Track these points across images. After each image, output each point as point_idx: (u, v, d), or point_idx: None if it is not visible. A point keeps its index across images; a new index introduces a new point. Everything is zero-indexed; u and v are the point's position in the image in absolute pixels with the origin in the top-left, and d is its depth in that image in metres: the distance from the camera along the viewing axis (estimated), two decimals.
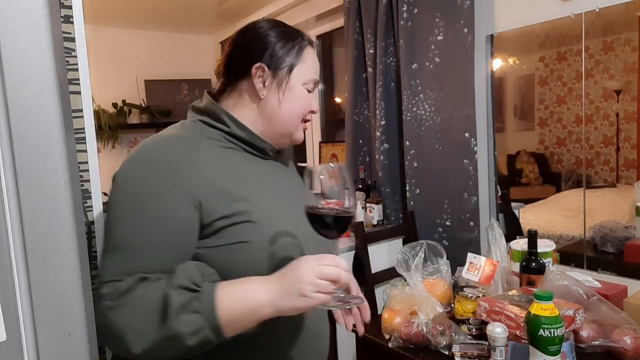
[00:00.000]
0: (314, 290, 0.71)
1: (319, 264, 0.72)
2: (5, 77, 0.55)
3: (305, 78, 0.94)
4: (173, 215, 0.77)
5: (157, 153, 0.81)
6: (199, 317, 0.71)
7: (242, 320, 0.74)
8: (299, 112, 0.94)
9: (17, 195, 0.56)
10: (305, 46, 0.95)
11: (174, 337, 0.70)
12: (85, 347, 0.61)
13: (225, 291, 0.73)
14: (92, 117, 1.00)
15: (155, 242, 0.76)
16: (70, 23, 0.92)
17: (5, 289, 0.56)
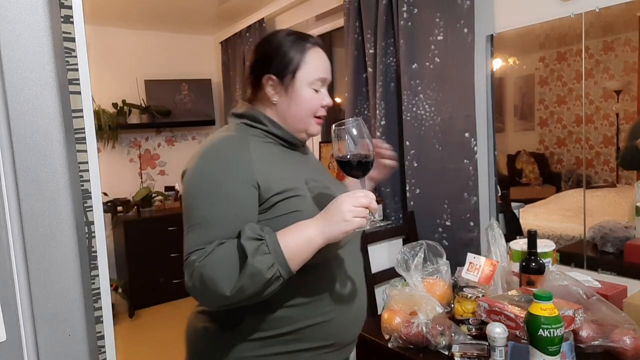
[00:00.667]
0: (353, 215, 0.89)
1: (354, 196, 0.91)
2: (5, 77, 0.55)
3: (310, 79, 1.06)
4: (238, 195, 0.97)
5: (219, 151, 1.00)
6: (269, 256, 0.89)
7: (302, 252, 0.92)
8: (307, 112, 1.08)
9: (17, 196, 0.56)
10: (308, 49, 1.07)
11: (255, 273, 0.88)
12: (85, 347, 0.61)
13: (284, 234, 0.93)
14: (92, 117, 1.00)
15: (226, 216, 0.96)
16: (70, 23, 0.92)
17: (5, 289, 0.56)
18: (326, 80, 1.10)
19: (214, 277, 0.89)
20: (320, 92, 1.09)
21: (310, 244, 0.92)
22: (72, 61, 0.92)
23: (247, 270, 0.88)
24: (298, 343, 1.02)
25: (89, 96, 0.97)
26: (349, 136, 0.95)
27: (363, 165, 0.97)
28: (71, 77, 0.92)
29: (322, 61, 1.09)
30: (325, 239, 0.92)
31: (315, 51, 1.08)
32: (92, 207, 1.02)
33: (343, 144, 0.96)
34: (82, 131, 0.97)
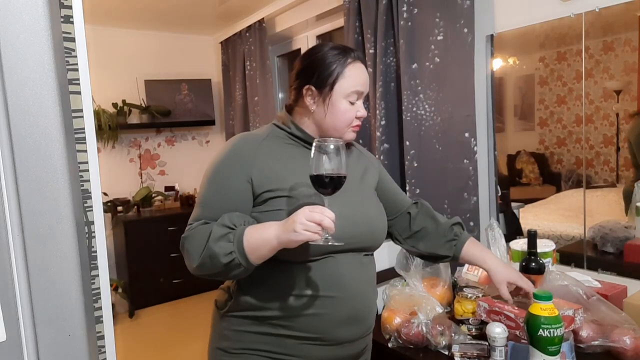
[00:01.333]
0: (303, 228, 0.93)
1: (310, 211, 0.95)
2: (5, 77, 0.55)
3: (346, 91, 1.13)
4: (230, 186, 1.10)
5: (231, 146, 1.14)
6: (231, 244, 1.01)
7: (259, 249, 1.01)
8: (342, 123, 1.15)
9: (17, 196, 0.56)
10: (349, 63, 1.14)
11: (212, 255, 1.02)
12: (85, 347, 0.61)
13: (251, 229, 1.03)
14: (92, 117, 0.99)
15: (216, 201, 1.10)
16: (70, 23, 0.92)
17: (5, 289, 0.56)
18: (362, 93, 1.16)
19: (188, 249, 1.06)
20: (356, 104, 1.16)
21: (267, 243, 1.00)
22: (72, 61, 0.92)
23: (206, 252, 1.03)
24: (285, 329, 1.11)
25: (89, 96, 0.97)
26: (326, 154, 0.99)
27: (335, 182, 1.00)
28: (71, 77, 0.92)
29: (361, 75, 1.15)
30: (279, 243, 0.99)
31: (355, 65, 1.14)
32: (92, 207, 1.02)
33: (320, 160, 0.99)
34: (82, 131, 0.97)
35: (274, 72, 3.72)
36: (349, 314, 1.12)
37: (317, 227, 0.93)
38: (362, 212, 1.18)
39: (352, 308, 1.13)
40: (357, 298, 1.14)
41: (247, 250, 1.01)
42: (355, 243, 1.14)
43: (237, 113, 4.02)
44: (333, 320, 1.11)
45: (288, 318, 1.11)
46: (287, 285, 1.10)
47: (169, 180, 4.31)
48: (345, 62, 1.14)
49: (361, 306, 1.16)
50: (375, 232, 1.20)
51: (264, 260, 1.04)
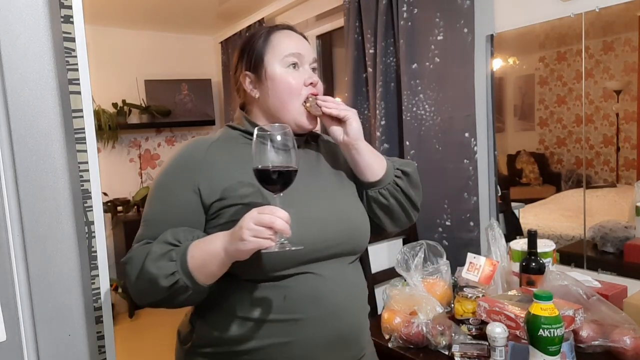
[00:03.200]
0: (251, 235, 0.79)
1: (258, 213, 0.80)
2: (5, 77, 0.55)
3: (279, 58, 0.99)
4: (174, 199, 0.95)
5: (176, 156, 0.99)
6: (173, 264, 0.86)
7: (207, 265, 0.86)
8: (287, 95, 0.99)
9: (17, 196, 0.56)
10: (271, 33, 1.02)
11: (151, 278, 0.86)
12: (85, 347, 0.61)
13: (196, 244, 0.88)
14: (92, 117, 1.00)
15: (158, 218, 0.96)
16: (70, 23, 0.92)
17: (5, 289, 0.56)
18: (302, 55, 1.00)
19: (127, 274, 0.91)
20: (301, 70, 1.00)
21: (214, 258, 0.85)
22: (72, 61, 0.92)
23: (144, 275, 0.87)
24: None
25: (89, 96, 0.97)
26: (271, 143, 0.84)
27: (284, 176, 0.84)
28: (71, 77, 0.92)
29: (291, 39, 1.02)
30: (227, 256, 0.84)
31: (281, 33, 1.02)
32: (92, 207, 1.02)
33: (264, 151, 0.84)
34: (82, 131, 0.97)
35: None
36: (334, 336, 0.95)
37: (269, 231, 0.78)
38: (338, 210, 1.00)
39: (337, 329, 0.96)
40: (343, 317, 0.97)
41: (192, 268, 0.85)
42: (333, 248, 0.97)
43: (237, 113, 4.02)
44: (316, 346, 0.94)
45: (262, 350, 0.93)
46: (256, 310, 0.93)
47: None
48: (270, 33, 1.02)
49: (349, 326, 0.98)
50: (354, 232, 1.03)
51: (215, 279, 0.88)
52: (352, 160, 1.05)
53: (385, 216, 1.10)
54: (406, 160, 1.14)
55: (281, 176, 0.84)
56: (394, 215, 1.10)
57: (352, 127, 1.01)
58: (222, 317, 0.95)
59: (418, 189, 1.12)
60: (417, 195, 1.11)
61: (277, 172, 0.84)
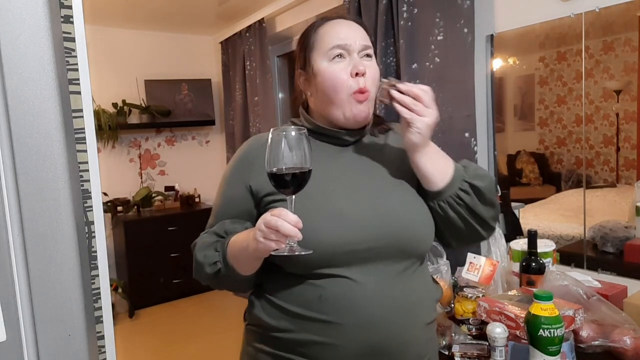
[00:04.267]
0: (261, 236, 0.81)
1: (269, 215, 0.80)
2: (5, 77, 0.55)
3: (323, 51, 0.97)
4: (229, 193, 1.03)
5: (238, 151, 1.07)
6: (217, 254, 0.95)
7: (240, 258, 0.92)
8: (333, 88, 0.96)
9: (17, 196, 0.56)
10: (318, 27, 1.01)
11: (198, 265, 0.98)
12: (85, 347, 0.61)
13: (235, 238, 0.94)
14: (92, 117, 1.00)
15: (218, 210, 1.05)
16: (70, 23, 0.92)
17: (5, 289, 0.56)
18: (347, 45, 0.95)
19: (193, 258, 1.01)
20: (348, 60, 0.96)
21: (245, 251, 0.89)
22: (72, 61, 0.92)
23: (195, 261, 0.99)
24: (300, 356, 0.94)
25: (89, 96, 0.97)
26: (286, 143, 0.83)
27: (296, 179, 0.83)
28: (71, 77, 0.92)
29: (339, 28, 0.97)
30: (251, 252, 0.86)
31: (330, 23, 0.99)
32: (92, 207, 1.02)
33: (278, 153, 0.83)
34: (82, 131, 0.97)
35: (274, 72, 3.72)
36: (368, 347, 0.91)
37: (276, 234, 0.79)
38: (386, 209, 0.94)
39: (371, 340, 0.91)
40: (379, 328, 0.91)
41: (230, 259, 0.93)
42: (374, 250, 0.91)
43: (237, 113, 4.02)
44: (348, 352, 0.91)
45: (299, 344, 0.93)
46: (295, 303, 0.94)
47: (169, 180, 4.31)
48: (318, 27, 1.00)
49: (387, 339, 0.92)
50: (404, 234, 0.94)
51: (252, 270, 0.93)
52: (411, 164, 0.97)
53: (446, 229, 1.01)
54: (481, 172, 1.00)
55: (294, 178, 0.83)
56: (456, 230, 0.99)
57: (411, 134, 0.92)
58: (267, 303, 0.99)
59: (490, 206, 0.99)
60: (487, 212, 0.98)
61: (292, 175, 0.83)
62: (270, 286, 0.99)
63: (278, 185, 0.84)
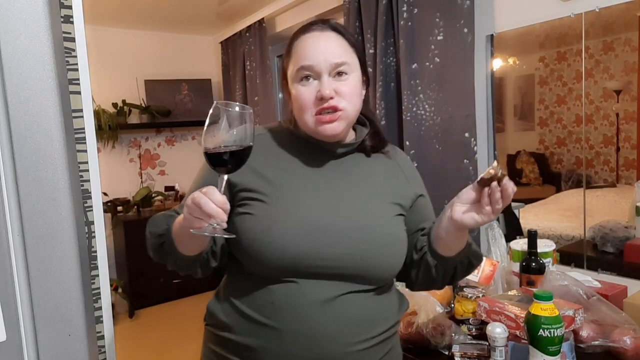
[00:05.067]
0: (187, 212, 0.79)
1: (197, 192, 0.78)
2: (5, 77, 0.55)
3: (292, 74, 0.97)
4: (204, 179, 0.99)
5: None
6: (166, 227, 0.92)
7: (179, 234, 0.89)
8: (299, 111, 0.96)
9: (17, 196, 0.56)
10: (294, 41, 0.98)
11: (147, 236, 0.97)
12: (85, 347, 0.61)
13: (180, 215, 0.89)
14: (92, 117, 1.00)
15: None
16: (70, 23, 0.92)
17: (5, 289, 0.56)
18: (314, 67, 0.92)
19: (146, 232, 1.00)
20: (312, 84, 0.93)
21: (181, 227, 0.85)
22: (72, 61, 0.92)
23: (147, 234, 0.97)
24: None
25: (89, 96, 0.97)
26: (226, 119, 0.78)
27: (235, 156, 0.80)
28: (71, 77, 0.92)
29: (308, 46, 0.94)
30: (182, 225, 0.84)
31: (302, 39, 0.96)
32: (92, 207, 1.02)
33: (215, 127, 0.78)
34: (82, 131, 0.97)
35: (274, 72, 3.72)
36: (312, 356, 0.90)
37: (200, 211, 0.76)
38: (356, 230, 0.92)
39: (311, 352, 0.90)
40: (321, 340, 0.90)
41: (173, 235, 0.90)
42: (333, 269, 0.90)
43: None
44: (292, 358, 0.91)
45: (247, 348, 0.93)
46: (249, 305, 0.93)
47: (169, 180, 4.31)
48: (296, 38, 0.97)
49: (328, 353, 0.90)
50: (367, 260, 0.92)
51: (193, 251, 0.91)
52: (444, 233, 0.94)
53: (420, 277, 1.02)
54: (479, 252, 1.04)
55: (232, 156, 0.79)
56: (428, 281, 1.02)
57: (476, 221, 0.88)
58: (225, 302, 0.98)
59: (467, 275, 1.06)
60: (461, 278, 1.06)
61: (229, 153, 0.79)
62: (230, 286, 1.00)
63: (214, 164, 0.81)
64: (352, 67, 0.96)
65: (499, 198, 0.84)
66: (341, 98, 0.93)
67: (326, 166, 1.00)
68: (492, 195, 0.84)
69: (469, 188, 0.89)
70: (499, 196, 0.84)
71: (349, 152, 1.02)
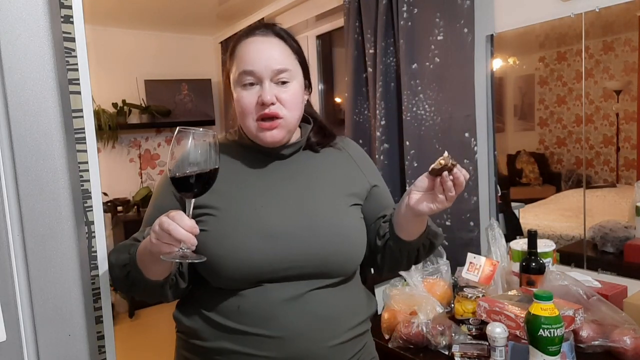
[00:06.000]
0: (154, 238, 0.77)
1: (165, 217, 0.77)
2: (5, 77, 0.55)
3: (234, 78, 0.97)
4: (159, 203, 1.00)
5: None
6: (128, 257, 0.90)
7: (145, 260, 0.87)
8: (241, 116, 0.96)
9: (17, 196, 0.56)
10: (237, 45, 0.98)
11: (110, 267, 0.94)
12: (85, 347, 0.61)
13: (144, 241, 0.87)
14: (92, 117, 0.99)
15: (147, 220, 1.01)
16: (70, 23, 0.92)
17: (5, 289, 0.56)
18: (256, 72, 0.93)
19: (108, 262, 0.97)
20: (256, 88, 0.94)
21: (147, 254, 0.84)
22: (72, 61, 0.92)
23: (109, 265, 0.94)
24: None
25: (89, 96, 0.97)
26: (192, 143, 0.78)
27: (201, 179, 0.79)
28: (71, 77, 0.92)
29: (249, 52, 0.94)
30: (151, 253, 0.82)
31: (244, 43, 0.96)
32: (92, 207, 1.02)
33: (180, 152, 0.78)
34: (82, 131, 0.97)
35: None
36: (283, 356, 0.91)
37: (169, 237, 0.75)
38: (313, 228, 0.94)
39: (285, 351, 0.91)
40: (296, 343, 0.91)
41: (138, 262, 0.88)
42: (296, 269, 0.91)
43: None
44: None
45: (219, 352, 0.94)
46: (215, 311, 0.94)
47: None
48: (238, 42, 0.97)
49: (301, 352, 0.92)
50: (331, 256, 0.94)
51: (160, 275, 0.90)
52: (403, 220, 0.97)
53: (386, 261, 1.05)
54: (438, 230, 1.06)
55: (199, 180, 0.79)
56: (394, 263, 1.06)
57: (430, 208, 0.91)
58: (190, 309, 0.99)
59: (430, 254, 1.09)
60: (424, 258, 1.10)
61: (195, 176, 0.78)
62: (195, 294, 1.00)
63: (180, 188, 0.81)
64: (293, 74, 0.97)
65: (451, 186, 0.87)
66: (282, 105, 0.94)
67: (275, 169, 1.00)
68: (444, 184, 0.87)
69: (423, 176, 0.92)
70: (450, 185, 0.87)
71: (295, 151, 1.03)
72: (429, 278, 1.62)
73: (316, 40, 3.34)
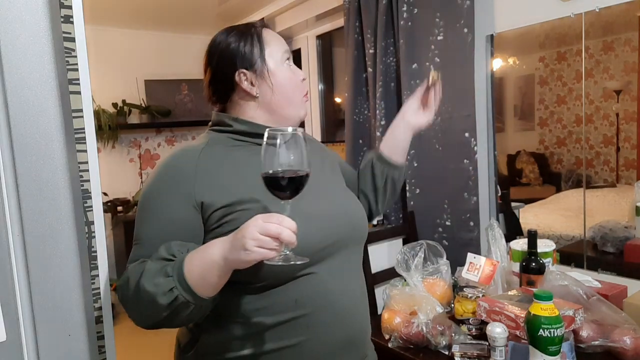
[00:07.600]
0: (255, 245, 0.74)
1: (264, 222, 0.75)
2: (5, 77, 0.55)
3: (277, 56, 1.01)
4: (171, 216, 0.90)
5: (167, 167, 0.94)
6: (170, 279, 0.80)
7: (207, 276, 0.80)
8: (294, 91, 1.02)
9: (17, 196, 0.56)
10: (261, 32, 1.02)
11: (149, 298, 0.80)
12: (85, 347, 0.61)
13: (192, 255, 0.82)
14: (92, 117, 0.99)
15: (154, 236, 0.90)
16: (70, 23, 0.92)
17: (5, 289, 0.56)
18: (289, 51, 1.04)
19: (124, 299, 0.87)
20: (292, 67, 1.03)
21: (213, 267, 0.79)
22: (72, 61, 0.92)
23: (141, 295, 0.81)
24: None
25: (89, 96, 0.97)
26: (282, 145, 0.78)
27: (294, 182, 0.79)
28: (71, 77, 0.92)
29: (276, 37, 1.04)
30: (227, 264, 0.78)
31: (266, 31, 1.03)
32: (92, 207, 1.02)
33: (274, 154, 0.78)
34: (82, 131, 0.96)
35: None
36: (343, 338, 0.94)
37: (274, 242, 0.74)
38: (338, 204, 1.02)
39: (346, 330, 0.95)
40: (350, 318, 0.96)
41: (190, 281, 0.79)
42: (340, 242, 0.96)
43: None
44: (325, 348, 0.93)
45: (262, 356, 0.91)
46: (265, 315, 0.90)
47: None
48: (256, 31, 1.01)
49: (357, 327, 0.98)
50: (357, 222, 1.05)
51: (216, 291, 0.83)
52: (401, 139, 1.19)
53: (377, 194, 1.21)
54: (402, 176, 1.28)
55: (292, 182, 0.78)
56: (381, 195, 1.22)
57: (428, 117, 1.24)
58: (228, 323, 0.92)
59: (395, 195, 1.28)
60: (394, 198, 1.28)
61: (289, 179, 0.78)
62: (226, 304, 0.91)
63: (275, 189, 0.80)
64: None
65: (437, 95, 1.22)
66: None
67: None
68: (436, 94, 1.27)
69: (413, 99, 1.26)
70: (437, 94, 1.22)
71: None
72: (429, 278, 1.62)
73: (316, 40, 3.34)
